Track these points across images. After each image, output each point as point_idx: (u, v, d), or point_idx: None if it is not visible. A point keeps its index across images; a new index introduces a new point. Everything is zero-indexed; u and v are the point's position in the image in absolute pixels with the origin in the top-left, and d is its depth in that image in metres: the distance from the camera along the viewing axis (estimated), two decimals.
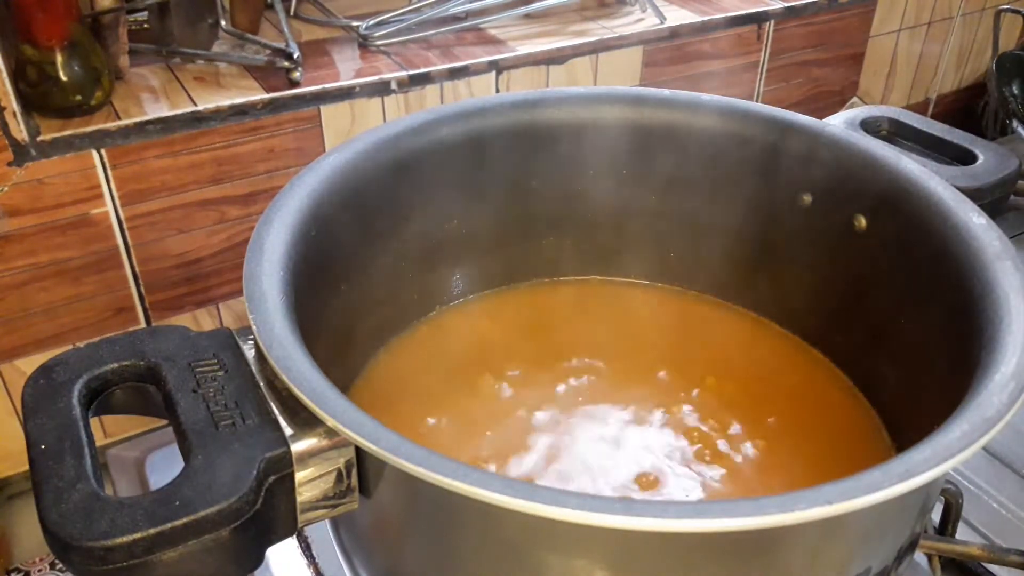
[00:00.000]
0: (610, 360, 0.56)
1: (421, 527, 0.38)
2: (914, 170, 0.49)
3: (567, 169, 0.58)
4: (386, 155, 0.51)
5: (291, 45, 0.65)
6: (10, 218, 0.57)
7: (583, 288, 0.62)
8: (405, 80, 0.67)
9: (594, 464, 0.49)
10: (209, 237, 0.65)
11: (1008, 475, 0.58)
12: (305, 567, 0.51)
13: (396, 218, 0.53)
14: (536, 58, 0.72)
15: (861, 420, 0.52)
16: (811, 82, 0.92)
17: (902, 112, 0.61)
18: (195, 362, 0.39)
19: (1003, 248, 0.43)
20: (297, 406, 0.35)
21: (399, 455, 0.32)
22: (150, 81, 0.64)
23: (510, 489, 0.30)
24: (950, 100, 1.10)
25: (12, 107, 0.55)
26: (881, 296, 0.51)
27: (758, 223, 0.57)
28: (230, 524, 0.33)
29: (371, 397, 0.53)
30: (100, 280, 0.62)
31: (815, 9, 0.86)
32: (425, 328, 0.58)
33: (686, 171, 0.58)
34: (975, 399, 0.35)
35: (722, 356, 0.57)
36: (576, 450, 0.49)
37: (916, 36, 0.99)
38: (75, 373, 0.38)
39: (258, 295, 0.39)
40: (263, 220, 0.43)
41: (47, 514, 0.32)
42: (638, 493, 0.47)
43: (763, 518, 0.30)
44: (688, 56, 0.80)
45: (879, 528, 0.37)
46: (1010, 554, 0.48)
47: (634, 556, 0.34)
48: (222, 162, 0.63)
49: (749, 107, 0.56)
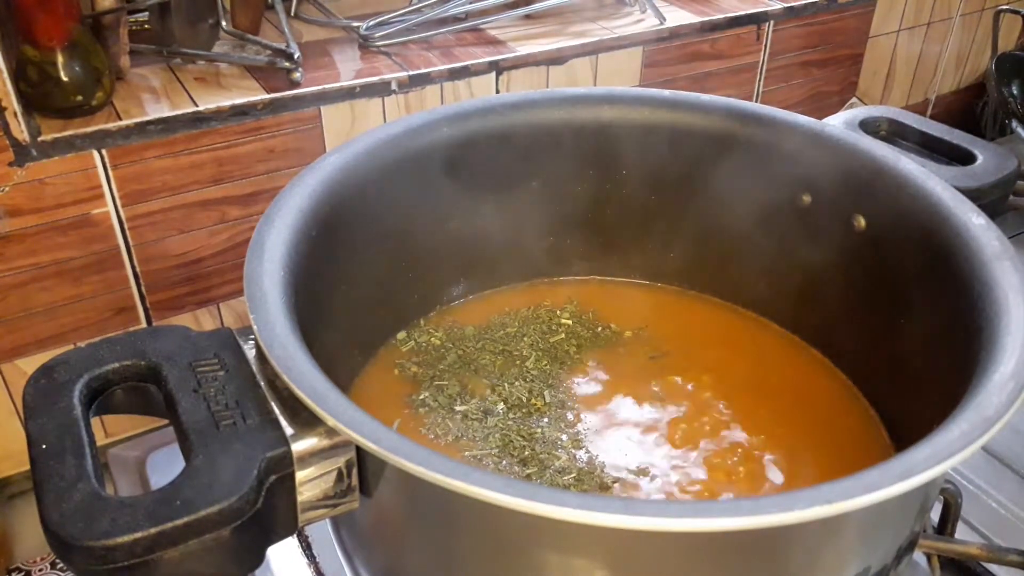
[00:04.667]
0: (610, 360, 0.57)
1: (421, 527, 0.38)
2: (913, 170, 0.49)
3: (567, 169, 0.58)
4: (386, 155, 0.51)
5: (292, 46, 0.65)
6: (11, 218, 0.57)
7: (583, 288, 0.62)
8: (405, 80, 0.67)
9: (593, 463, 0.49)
10: (210, 237, 0.65)
11: (1007, 475, 0.58)
12: (305, 566, 0.51)
13: (396, 218, 0.54)
14: (536, 58, 0.72)
15: (861, 420, 0.53)
16: (811, 82, 0.92)
17: (901, 112, 0.61)
18: (196, 362, 0.39)
19: (1002, 248, 0.43)
20: (298, 406, 0.35)
21: (399, 455, 0.32)
22: (151, 81, 0.64)
23: (510, 489, 0.30)
24: (949, 100, 1.10)
25: (13, 107, 0.55)
26: (881, 296, 0.51)
27: (758, 223, 0.57)
28: (231, 523, 0.33)
29: (371, 397, 0.53)
30: (101, 280, 0.62)
31: (815, 9, 0.86)
32: (425, 328, 0.58)
33: (686, 171, 0.58)
34: (974, 399, 0.35)
35: (722, 356, 0.57)
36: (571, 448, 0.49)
37: (915, 36, 0.99)
38: (76, 373, 0.38)
39: (259, 295, 0.39)
40: (264, 220, 0.44)
41: (48, 513, 0.32)
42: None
43: (763, 518, 0.30)
44: (688, 57, 0.80)
45: (878, 527, 0.37)
46: (1009, 554, 0.48)
47: (634, 556, 0.34)
48: (223, 162, 0.63)
49: (749, 107, 0.56)
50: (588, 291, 0.62)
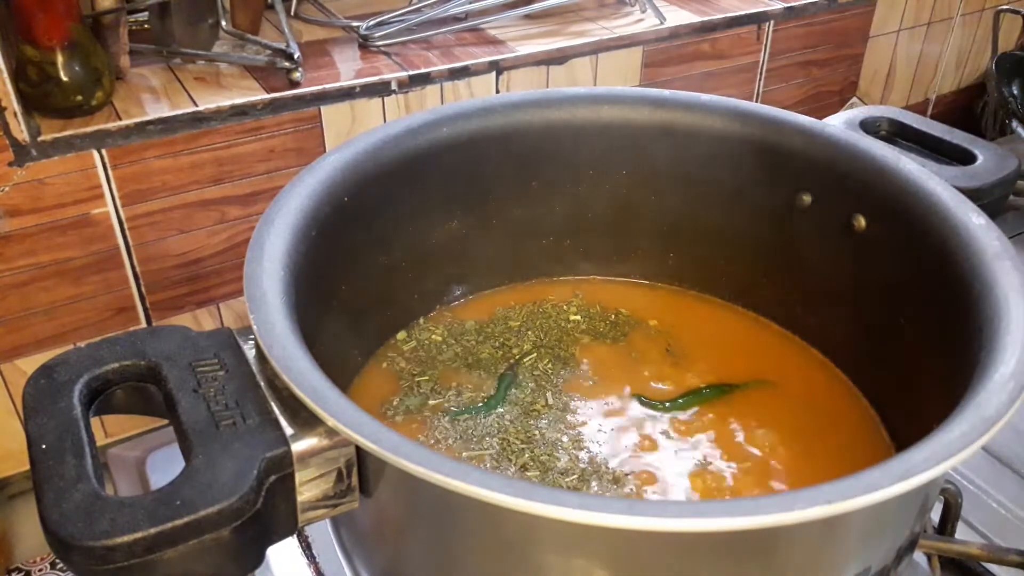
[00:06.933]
0: (611, 360, 0.57)
1: (421, 527, 0.38)
2: (914, 170, 0.49)
3: (567, 169, 0.58)
4: (386, 155, 0.51)
5: (291, 45, 0.65)
6: (11, 218, 0.57)
7: (583, 288, 0.63)
8: (405, 80, 0.67)
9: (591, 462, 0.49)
10: (210, 237, 0.65)
11: (1008, 475, 0.58)
12: (305, 567, 0.51)
13: (396, 218, 0.54)
14: (536, 58, 0.72)
15: (861, 420, 0.53)
16: (811, 82, 0.92)
17: (902, 112, 0.61)
18: (196, 362, 0.39)
19: (1002, 248, 0.43)
20: (297, 406, 0.35)
21: (399, 455, 0.32)
22: (151, 81, 0.64)
23: (510, 489, 0.30)
24: (950, 100, 1.10)
25: (13, 107, 0.55)
26: (881, 296, 0.51)
27: (758, 223, 0.57)
28: (231, 523, 0.33)
29: (371, 397, 0.53)
30: (101, 280, 0.62)
31: (815, 9, 0.86)
32: (425, 328, 0.58)
33: (686, 171, 0.58)
34: (974, 399, 0.35)
35: (722, 356, 0.57)
36: (572, 449, 0.49)
37: (916, 36, 0.99)
38: (76, 373, 0.38)
39: (259, 295, 0.39)
40: (264, 220, 0.44)
41: (48, 513, 0.32)
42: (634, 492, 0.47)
43: (763, 518, 0.30)
44: (688, 56, 0.80)
45: (878, 528, 0.37)
46: (1009, 554, 0.48)
47: (634, 556, 0.34)
48: (223, 162, 0.63)
49: (749, 107, 0.56)
50: (589, 290, 0.62)
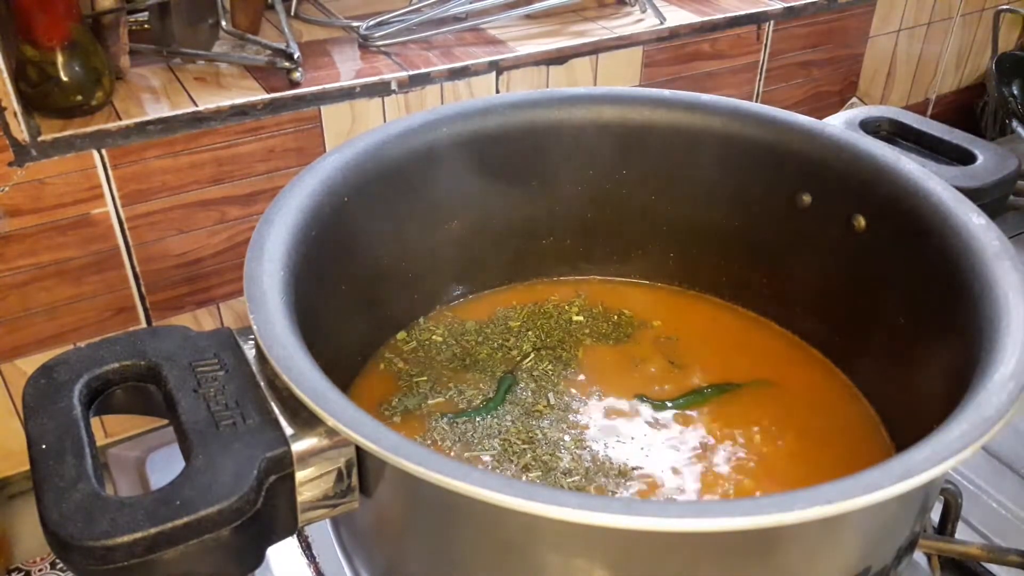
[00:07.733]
0: (611, 360, 0.57)
1: (421, 527, 0.38)
2: (914, 170, 0.49)
3: (567, 169, 0.58)
4: (386, 155, 0.51)
5: (291, 45, 0.65)
6: (11, 218, 0.57)
7: (583, 288, 0.63)
8: (405, 80, 0.67)
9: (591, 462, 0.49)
10: (210, 237, 0.65)
11: (1008, 475, 0.58)
12: (305, 567, 0.51)
13: (396, 218, 0.54)
14: (536, 58, 0.72)
15: (861, 420, 0.53)
16: (811, 82, 0.92)
17: (902, 112, 0.61)
18: (196, 362, 0.39)
19: (1002, 248, 0.43)
20: (297, 406, 0.35)
21: (399, 455, 0.32)
22: (151, 81, 0.64)
23: (510, 489, 0.30)
24: (949, 100, 1.10)
25: (13, 107, 0.55)
26: (881, 296, 0.51)
27: (758, 223, 0.57)
28: (231, 524, 0.33)
29: (371, 397, 0.53)
30: (101, 280, 0.62)
31: (815, 9, 0.86)
32: (425, 328, 0.58)
33: (686, 171, 0.58)
34: (974, 399, 0.35)
35: (722, 356, 0.57)
36: (575, 449, 0.49)
37: (915, 36, 0.99)
38: (76, 373, 0.38)
39: (259, 295, 0.39)
40: (264, 220, 0.44)
41: (48, 513, 0.32)
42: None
43: (763, 518, 0.30)
44: (688, 56, 0.80)
45: (878, 528, 0.37)
46: (1009, 554, 0.48)
47: (634, 556, 0.34)
48: (223, 162, 0.63)
49: (749, 107, 0.56)
50: (591, 291, 0.62)
